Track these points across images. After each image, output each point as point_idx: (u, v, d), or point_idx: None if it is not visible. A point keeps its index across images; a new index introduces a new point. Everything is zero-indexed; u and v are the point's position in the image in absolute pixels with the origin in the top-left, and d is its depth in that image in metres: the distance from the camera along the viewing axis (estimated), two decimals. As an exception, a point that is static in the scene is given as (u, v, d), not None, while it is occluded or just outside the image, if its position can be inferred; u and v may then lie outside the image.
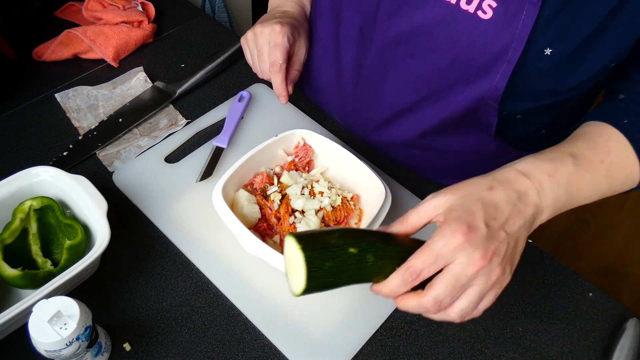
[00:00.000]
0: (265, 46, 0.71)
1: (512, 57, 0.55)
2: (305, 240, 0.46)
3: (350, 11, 0.68)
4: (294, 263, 0.46)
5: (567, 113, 0.69)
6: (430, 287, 0.46)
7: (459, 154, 0.74)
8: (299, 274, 0.46)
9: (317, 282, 0.46)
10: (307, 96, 0.90)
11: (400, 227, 0.51)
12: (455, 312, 0.47)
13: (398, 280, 0.47)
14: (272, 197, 0.67)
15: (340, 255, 0.47)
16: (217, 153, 0.76)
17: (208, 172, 0.74)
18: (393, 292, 0.48)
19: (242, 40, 0.75)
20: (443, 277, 0.46)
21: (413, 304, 0.47)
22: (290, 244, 0.46)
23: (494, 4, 0.54)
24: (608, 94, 0.65)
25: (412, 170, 0.80)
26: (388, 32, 0.63)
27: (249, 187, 0.70)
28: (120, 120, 0.80)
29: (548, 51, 0.55)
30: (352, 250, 0.47)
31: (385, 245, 0.49)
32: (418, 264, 0.46)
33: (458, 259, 0.46)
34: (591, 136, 0.57)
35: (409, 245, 0.50)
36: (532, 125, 0.70)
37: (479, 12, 0.55)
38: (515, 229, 0.49)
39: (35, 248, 0.62)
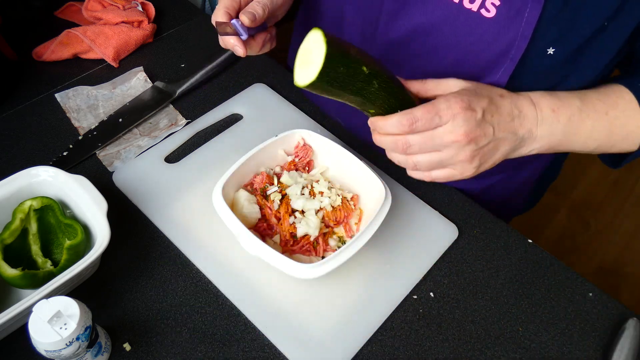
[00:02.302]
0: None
1: (515, 54, 0.56)
2: (332, 39, 0.49)
3: (353, 13, 0.68)
4: (311, 55, 0.50)
5: None
6: (413, 131, 0.53)
7: None
8: (313, 67, 0.49)
9: (325, 80, 0.50)
10: (307, 97, 0.90)
11: (416, 84, 0.57)
12: (412, 160, 0.55)
13: (396, 119, 0.53)
14: (272, 197, 0.67)
15: (353, 67, 0.51)
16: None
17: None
18: (387, 127, 0.54)
19: None
20: (425, 134, 0.53)
21: (390, 137, 0.55)
22: (317, 36, 0.49)
23: (497, 2, 0.54)
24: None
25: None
26: (391, 33, 0.63)
27: (249, 187, 0.70)
28: (120, 120, 0.80)
29: (551, 51, 0.55)
30: (364, 68, 0.52)
31: (392, 82, 0.55)
32: (418, 113, 0.52)
33: (445, 124, 0.52)
34: (605, 90, 0.61)
35: (412, 99, 0.57)
36: None
37: (482, 11, 0.55)
38: (502, 135, 0.55)
39: (35, 248, 0.62)
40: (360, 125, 0.80)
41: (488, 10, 0.55)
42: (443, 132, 0.52)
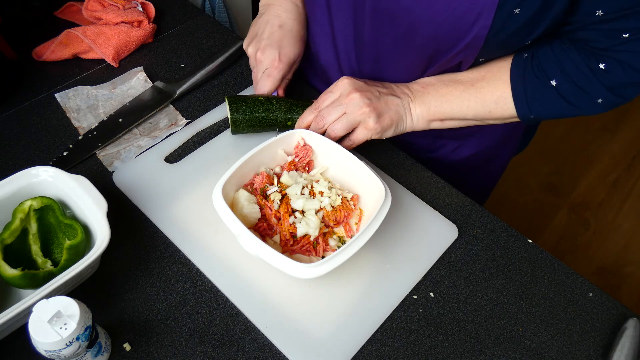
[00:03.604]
0: (259, 73, 0.78)
1: (486, 21, 0.60)
2: (234, 95, 0.78)
3: None
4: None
5: None
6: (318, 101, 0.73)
7: None
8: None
9: (237, 111, 0.75)
10: (312, 84, 0.92)
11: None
12: (332, 132, 0.71)
13: (308, 110, 0.73)
14: (272, 197, 0.67)
15: (252, 99, 0.77)
16: None
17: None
18: (305, 118, 0.73)
19: (245, 47, 0.82)
20: (329, 105, 0.71)
21: (308, 115, 0.73)
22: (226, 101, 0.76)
23: None
24: None
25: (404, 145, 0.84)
26: (379, 4, 0.67)
27: (249, 187, 0.70)
28: (120, 120, 0.80)
29: (517, 11, 0.60)
30: (260, 98, 0.77)
31: (288, 99, 0.78)
32: (318, 99, 0.73)
33: (339, 92, 0.71)
34: (480, 67, 0.73)
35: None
36: None
37: None
38: (386, 95, 0.72)
39: (35, 248, 0.62)
40: None
41: None
42: (340, 96, 0.71)
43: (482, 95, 0.72)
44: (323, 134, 0.72)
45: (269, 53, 0.77)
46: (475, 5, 0.60)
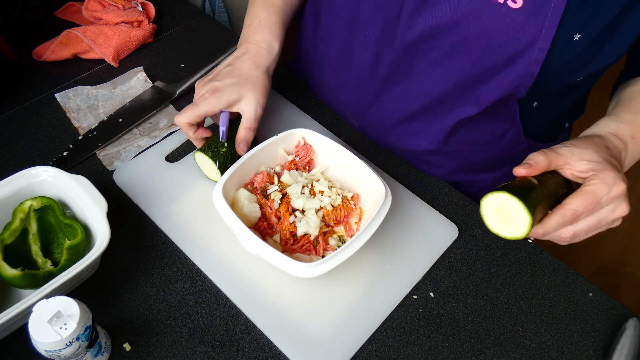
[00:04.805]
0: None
1: (544, 44, 0.56)
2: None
3: (371, 10, 0.67)
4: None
5: (578, 101, 0.72)
6: (575, 222, 0.52)
7: (473, 146, 0.75)
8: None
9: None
10: (319, 99, 0.89)
11: (540, 163, 0.54)
12: (579, 240, 0.54)
13: (557, 220, 0.51)
14: (272, 196, 0.67)
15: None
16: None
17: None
18: (548, 231, 0.52)
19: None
20: (590, 219, 0.52)
21: (555, 236, 0.54)
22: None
23: None
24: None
25: (418, 166, 0.80)
26: (412, 31, 0.63)
27: (250, 186, 0.70)
28: (120, 120, 0.80)
29: (577, 37, 0.55)
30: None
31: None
32: (579, 207, 0.51)
33: (608, 206, 0.52)
34: None
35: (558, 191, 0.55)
36: (546, 114, 0.71)
37: (509, 2, 0.55)
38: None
39: (35, 248, 0.62)
40: (379, 124, 0.79)
41: (515, 1, 0.55)
42: (607, 213, 0.53)
43: None
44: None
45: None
46: (532, 22, 0.54)
